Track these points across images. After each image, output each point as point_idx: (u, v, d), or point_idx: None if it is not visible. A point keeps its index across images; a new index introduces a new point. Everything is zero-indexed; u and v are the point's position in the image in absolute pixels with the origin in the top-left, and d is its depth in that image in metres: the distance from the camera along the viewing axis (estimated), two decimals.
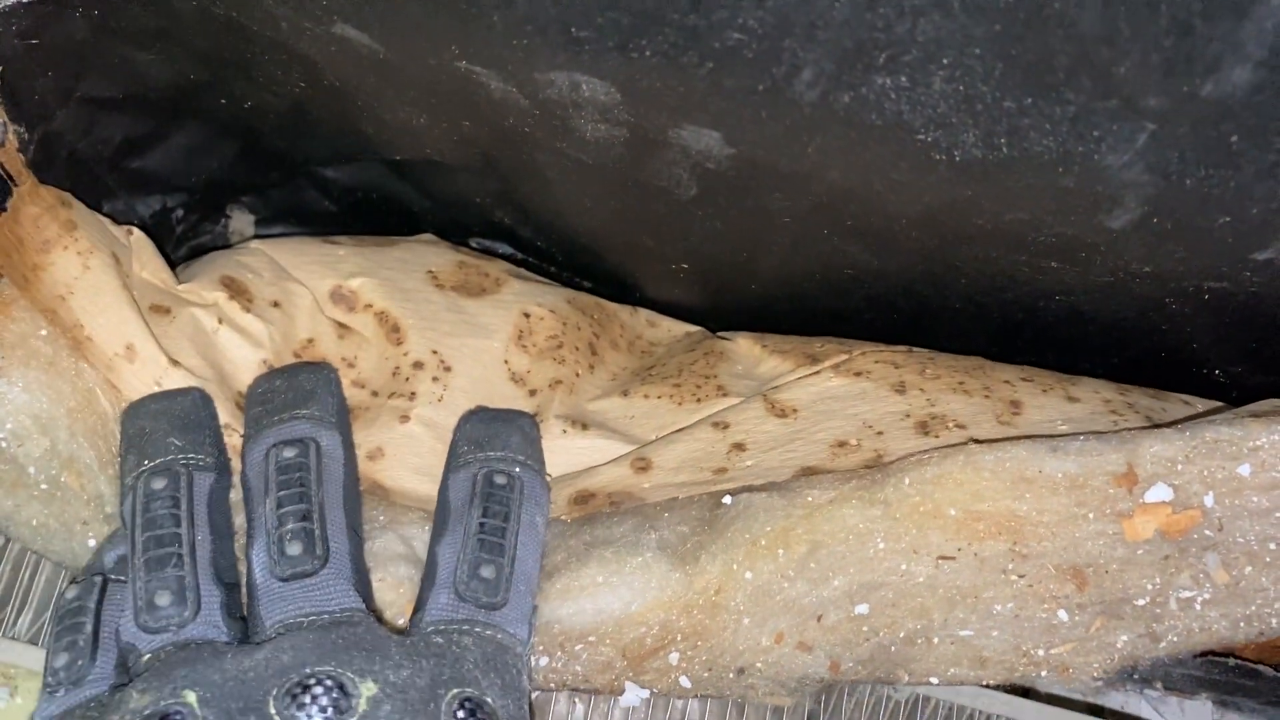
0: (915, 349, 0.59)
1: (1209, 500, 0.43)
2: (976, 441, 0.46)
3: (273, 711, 0.35)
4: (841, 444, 0.51)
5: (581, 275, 0.68)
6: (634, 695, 0.46)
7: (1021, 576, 0.43)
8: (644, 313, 0.66)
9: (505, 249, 0.68)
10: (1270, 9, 0.32)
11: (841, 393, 0.55)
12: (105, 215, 0.52)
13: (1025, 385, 0.54)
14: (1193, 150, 0.39)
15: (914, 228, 0.50)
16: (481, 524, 0.44)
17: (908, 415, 0.52)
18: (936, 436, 0.50)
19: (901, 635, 0.44)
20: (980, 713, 0.57)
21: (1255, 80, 0.34)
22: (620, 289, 0.67)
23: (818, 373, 0.57)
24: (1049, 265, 0.50)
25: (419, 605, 0.43)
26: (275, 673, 0.36)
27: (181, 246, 0.64)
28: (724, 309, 0.66)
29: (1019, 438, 0.46)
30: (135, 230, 0.52)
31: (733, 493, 0.48)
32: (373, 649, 0.37)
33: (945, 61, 0.37)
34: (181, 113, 0.57)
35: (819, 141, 0.43)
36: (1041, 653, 0.44)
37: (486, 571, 0.42)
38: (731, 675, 0.45)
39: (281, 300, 0.54)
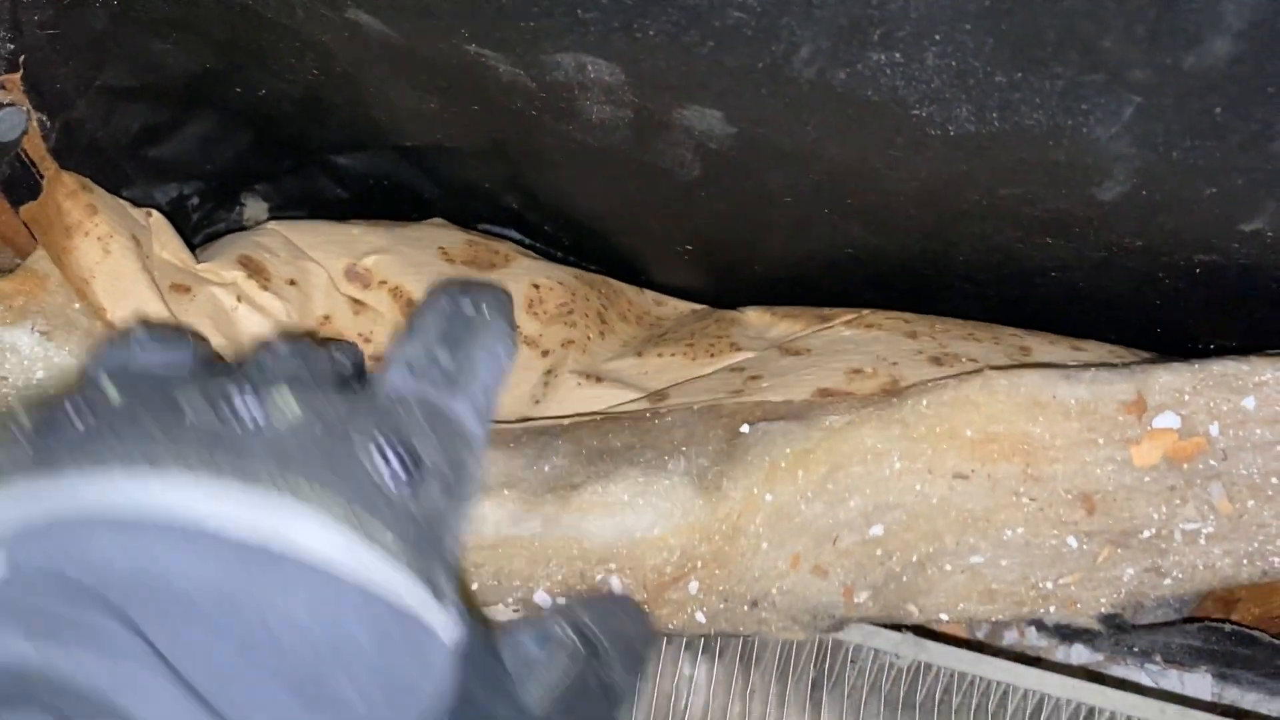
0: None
1: (1214, 430, 0.43)
2: (992, 368, 0.47)
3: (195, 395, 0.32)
4: (857, 371, 0.52)
5: (587, 259, 0.69)
6: None
7: (1033, 500, 0.44)
8: (650, 293, 0.68)
9: (513, 234, 0.69)
10: None
11: (855, 337, 0.56)
12: None
13: (1032, 337, 0.56)
14: (1178, 122, 0.40)
15: (912, 205, 0.51)
16: (443, 332, 0.39)
17: (920, 352, 0.54)
18: (950, 367, 0.51)
19: (914, 559, 0.45)
20: (981, 679, 0.58)
21: (1235, 51, 0.36)
22: (626, 272, 0.68)
23: (830, 326, 0.58)
24: (1044, 240, 0.52)
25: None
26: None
27: (198, 234, 0.66)
28: (728, 291, 0.67)
29: (1034, 365, 0.48)
30: (154, 213, 0.54)
31: (750, 421, 0.49)
32: (315, 387, 0.34)
33: (937, 37, 0.38)
34: (197, 101, 0.59)
35: (818, 118, 0.45)
36: (1050, 585, 0.44)
37: (444, 358, 0.38)
38: (746, 608, 0.46)
39: (298, 278, 0.55)
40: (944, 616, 0.46)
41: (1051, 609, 0.45)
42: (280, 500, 0.30)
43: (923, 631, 0.62)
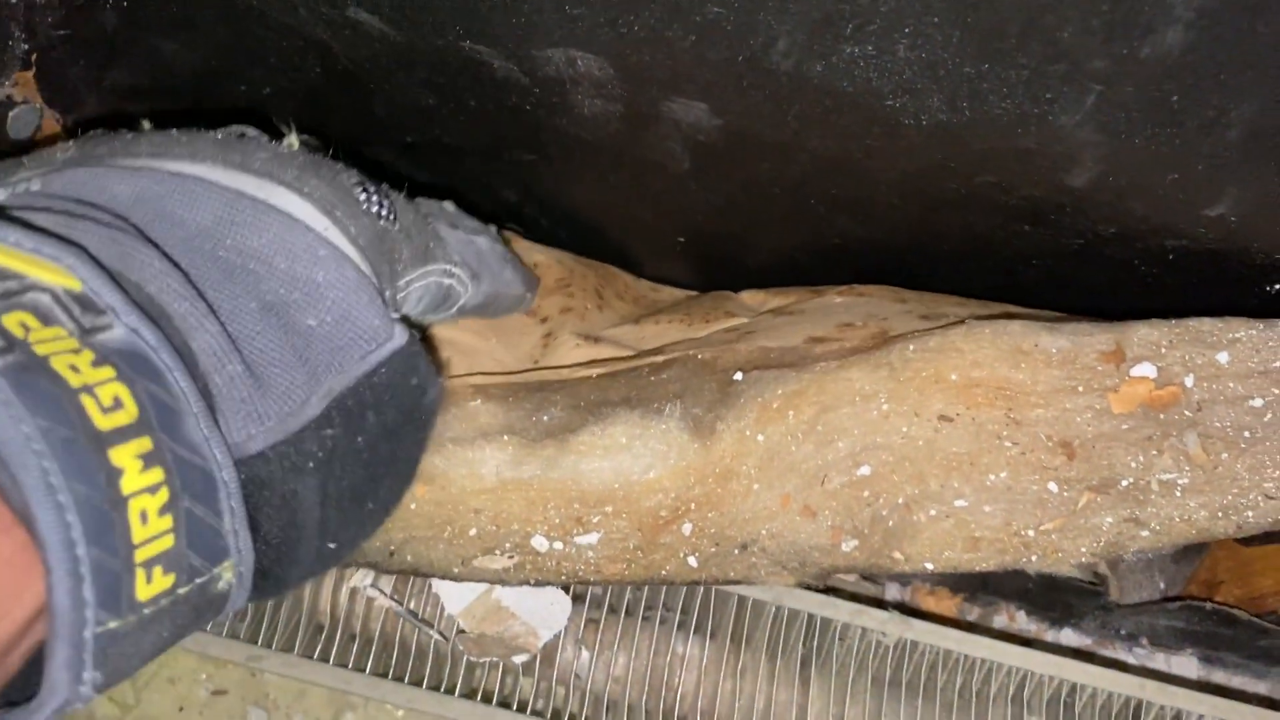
0: None
1: (1189, 381, 0.45)
2: (977, 318, 0.49)
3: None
4: (848, 324, 0.54)
5: (585, 252, 0.71)
6: None
7: (1015, 444, 0.45)
8: (646, 281, 0.69)
9: (512, 227, 0.71)
10: None
11: (846, 302, 0.58)
12: None
13: (1016, 308, 0.57)
14: (1138, 110, 0.41)
15: (894, 194, 0.53)
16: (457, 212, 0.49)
17: (909, 311, 0.55)
18: (938, 323, 0.52)
19: (900, 501, 0.46)
20: (966, 656, 0.60)
21: (1187, 41, 0.37)
22: (622, 264, 0.70)
23: (821, 295, 0.60)
24: (1023, 228, 0.53)
25: None
26: None
27: None
28: (721, 282, 0.69)
29: (1016, 316, 0.49)
30: None
31: (744, 369, 0.50)
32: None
33: (907, 30, 0.40)
34: (204, 99, 0.60)
35: (797, 109, 0.46)
36: (1032, 533, 0.45)
37: (450, 209, 0.48)
38: (736, 551, 0.47)
39: None
40: (929, 566, 0.46)
41: (1034, 558, 0.45)
42: (271, 181, 0.36)
43: (909, 610, 0.63)
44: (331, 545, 0.35)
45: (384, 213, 0.39)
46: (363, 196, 0.39)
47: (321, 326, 0.34)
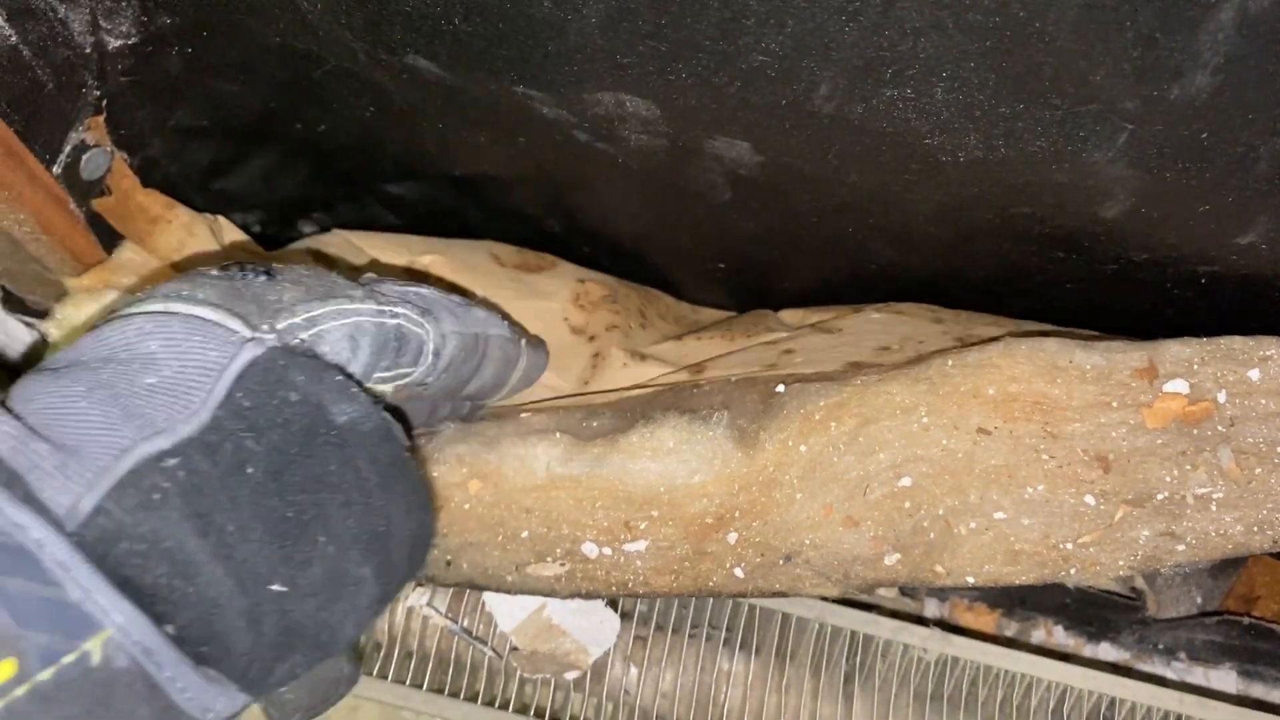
0: None
1: (1221, 397, 0.46)
2: (1013, 335, 0.49)
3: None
4: (885, 348, 0.55)
5: (626, 277, 0.72)
6: None
7: (1052, 457, 0.46)
8: (686, 303, 0.71)
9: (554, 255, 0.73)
10: (1219, 23, 0.36)
11: (884, 320, 0.59)
12: None
13: (1051, 328, 0.58)
14: (1169, 147, 0.43)
15: (930, 224, 0.54)
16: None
17: (946, 333, 0.56)
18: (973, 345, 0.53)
19: (940, 512, 0.46)
20: (1006, 672, 0.61)
21: (1214, 84, 0.39)
22: (661, 289, 0.72)
23: (860, 311, 0.62)
24: (1057, 255, 0.55)
25: None
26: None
27: None
28: (758, 307, 0.71)
29: (1052, 333, 0.50)
30: (220, 217, 0.58)
31: (785, 382, 0.51)
32: None
33: (944, 74, 0.42)
34: (261, 138, 0.63)
35: (838, 148, 0.48)
36: (1070, 545, 0.46)
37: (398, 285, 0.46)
38: (781, 562, 0.47)
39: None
40: (970, 579, 0.46)
41: (1073, 571, 0.46)
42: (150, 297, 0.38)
43: (948, 626, 0.65)
44: (277, 587, 0.33)
45: (249, 276, 0.40)
46: (236, 271, 0.40)
47: (162, 382, 0.34)
